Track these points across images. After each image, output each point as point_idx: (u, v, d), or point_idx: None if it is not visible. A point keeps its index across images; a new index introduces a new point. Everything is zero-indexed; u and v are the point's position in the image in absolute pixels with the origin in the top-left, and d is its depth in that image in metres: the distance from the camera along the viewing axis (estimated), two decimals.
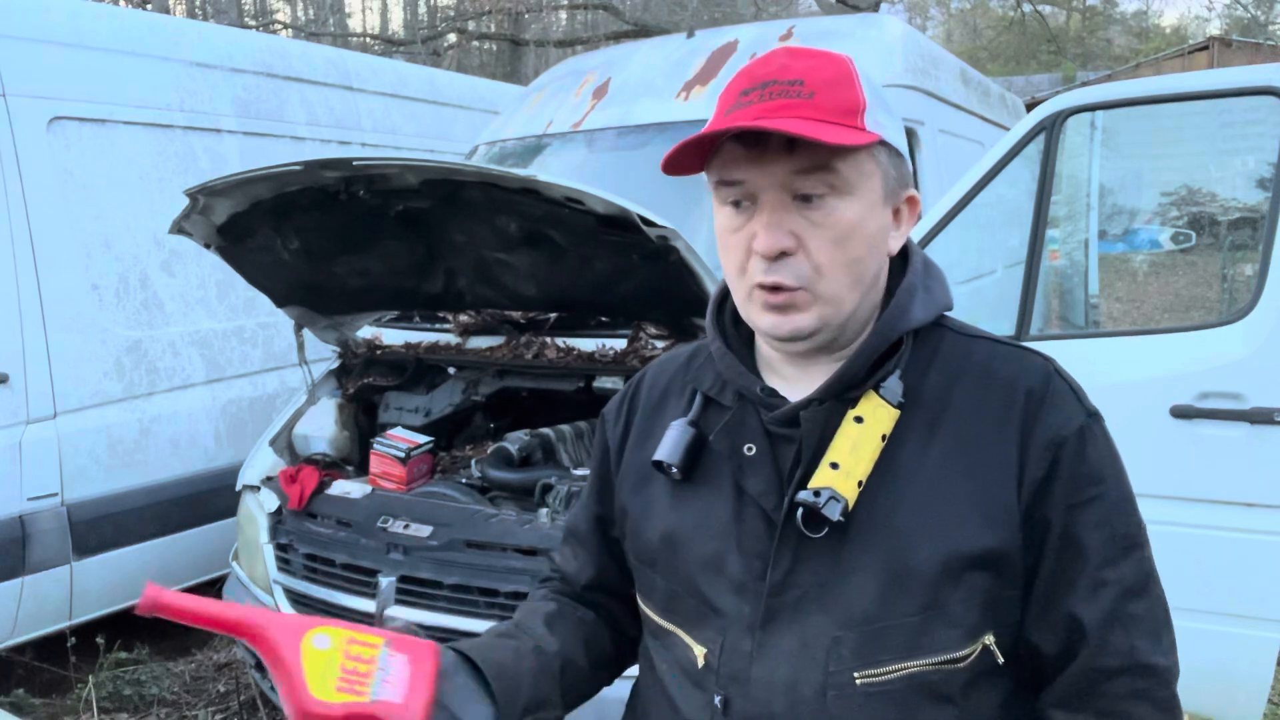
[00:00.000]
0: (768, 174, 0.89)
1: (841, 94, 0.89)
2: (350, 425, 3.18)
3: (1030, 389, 0.95)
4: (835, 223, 0.90)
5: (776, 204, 0.90)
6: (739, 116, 0.89)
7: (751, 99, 0.89)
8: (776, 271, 0.90)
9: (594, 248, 2.50)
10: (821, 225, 0.90)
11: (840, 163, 0.88)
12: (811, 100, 0.88)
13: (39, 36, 3.49)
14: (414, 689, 0.89)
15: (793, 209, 0.90)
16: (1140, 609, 0.93)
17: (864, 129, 0.89)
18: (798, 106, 0.87)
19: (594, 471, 1.18)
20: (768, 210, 0.90)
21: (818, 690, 0.92)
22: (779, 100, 0.88)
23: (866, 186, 0.91)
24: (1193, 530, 2.48)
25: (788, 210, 0.90)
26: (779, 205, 0.90)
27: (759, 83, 0.90)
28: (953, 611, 0.91)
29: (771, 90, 0.89)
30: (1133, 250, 9.66)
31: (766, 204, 0.90)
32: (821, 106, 0.87)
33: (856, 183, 0.90)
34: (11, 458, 3.29)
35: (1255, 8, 24.05)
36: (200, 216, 2.70)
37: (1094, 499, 0.92)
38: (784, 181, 0.89)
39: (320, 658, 0.87)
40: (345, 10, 24.68)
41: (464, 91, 5.67)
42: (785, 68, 0.90)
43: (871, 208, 0.92)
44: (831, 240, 0.90)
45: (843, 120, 0.88)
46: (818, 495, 0.90)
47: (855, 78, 0.91)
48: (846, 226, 0.90)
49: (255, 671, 3.00)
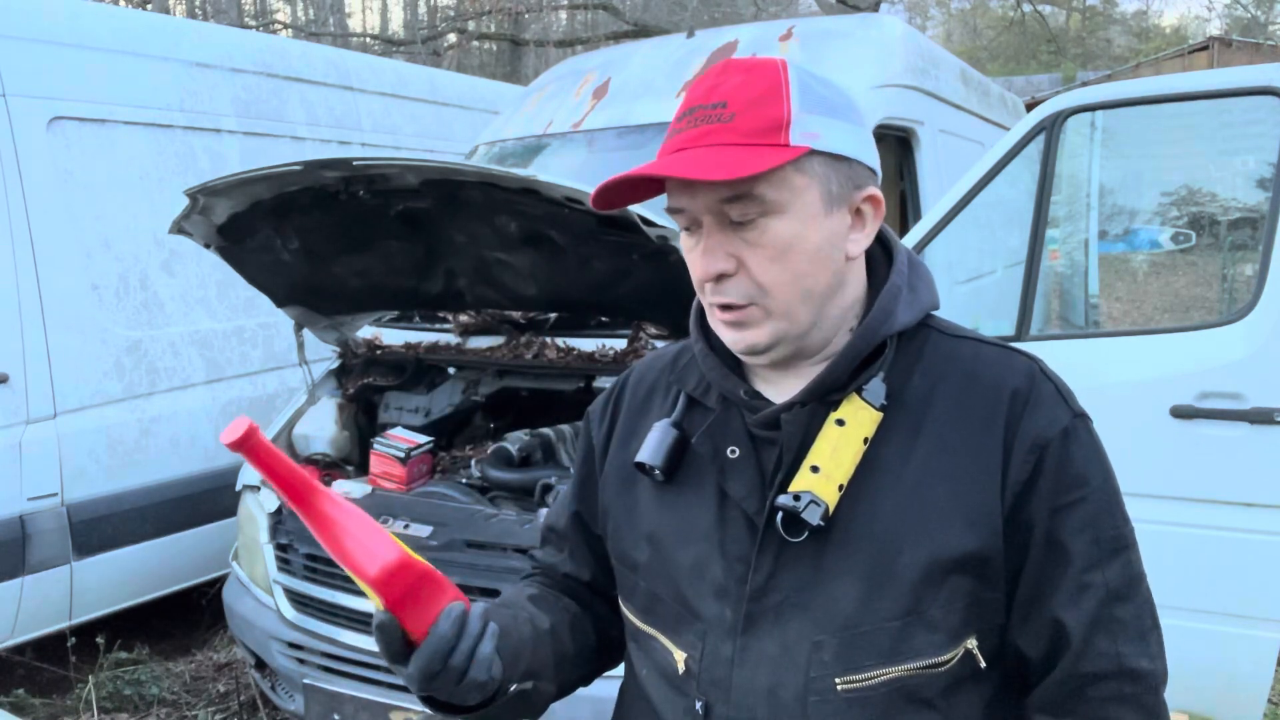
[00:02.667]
0: (700, 202, 0.90)
1: (762, 112, 0.88)
2: (350, 425, 3.18)
3: (1015, 390, 0.94)
4: (771, 241, 0.90)
5: (713, 228, 0.91)
6: (667, 147, 0.91)
7: (683, 125, 0.91)
8: (722, 292, 0.92)
9: (594, 248, 2.50)
10: (758, 245, 0.90)
11: (761, 186, 0.88)
12: (731, 124, 0.88)
13: (39, 36, 3.49)
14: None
15: (730, 231, 0.91)
16: (1126, 612, 0.92)
17: (786, 145, 0.87)
18: (717, 132, 0.88)
19: (577, 470, 1.18)
20: (706, 235, 0.92)
21: (799, 696, 0.92)
22: (701, 127, 0.89)
23: (800, 201, 0.90)
24: (1193, 530, 2.48)
25: (725, 233, 0.91)
26: (715, 229, 0.91)
27: (690, 107, 0.91)
28: (934, 616, 0.90)
29: (696, 116, 0.90)
30: (1133, 250, 9.64)
31: (705, 229, 0.92)
32: (739, 129, 0.87)
33: (786, 200, 0.89)
34: (11, 458, 3.29)
35: (1255, 8, 24.06)
36: (200, 216, 2.70)
37: (1079, 501, 0.91)
38: (714, 208, 0.90)
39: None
40: (345, 10, 24.67)
41: (464, 91, 5.67)
42: (713, 89, 0.90)
43: (809, 221, 0.90)
44: (769, 259, 0.90)
45: (762, 140, 0.87)
46: (797, 499, 0.89)
47: (783, 89, 0.89)
48: (783, 244, 0.90)
49: (255, 671, 2.99)
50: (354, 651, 2.58)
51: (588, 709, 2.20)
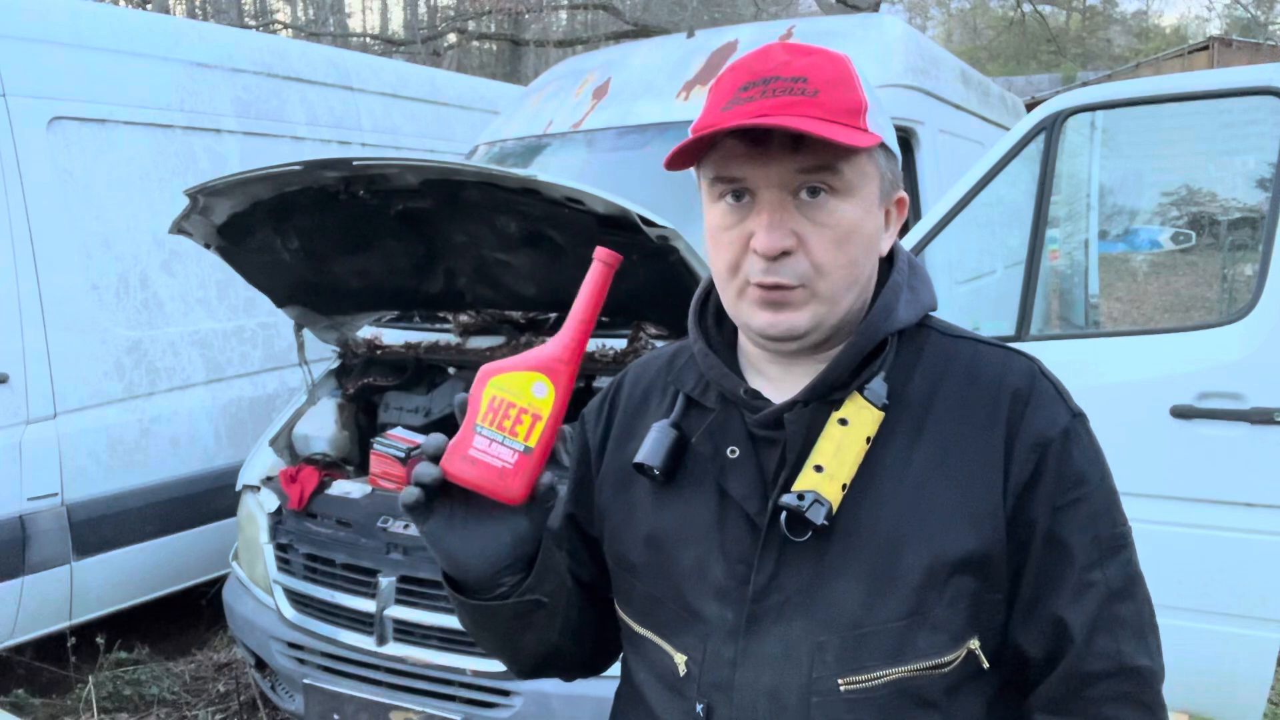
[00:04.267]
0: (769, 172, 0.87)
1: (845, 94, 0.88)
2: (350, 425, 3.18)
3: (1015, 390, 0.94)
4: (837, 223, 0.89)
5: (776, 203, 0.88)
6: (740, 113, 0.86)
7: (753, 94, 0.87)
8: (776, 271, 0.88)
9: (594, 248, 2.49)
10: (824, 225, 0.88)
11: (844, 163, 0.87)
12: (816, 99, 0.86)
13: (39, 36, 3.49)
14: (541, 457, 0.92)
15: (792, 208, 0.88)
16: (1126, 611, 0.92)
17: (867, 130, 0.88)
18: (802, 104, 0.85)
19: (572, 472, 1.16)
20: (768, 209, 0.88)
21: (801, 697, 0.91)
22: (783, 97, 0.85)
23: (866, 188, 0.90)
24: (1193, 530, 2.48)
25: (787, 209, 0.88)
26: (779, 204, 0.88)
27: (760, 78, 0.87)
28: (938, 616, 0.90)
29: (775, 86, 0.86)
30: (1133, 250, 9.65)
31: (766, 202, 0.88)
32: (826, 105, 0.86)
33: (857, 184, 0.89)
34: (11, 458, 3.29)
35: (1255, 8, 24.03)
36: (200, 216, 2.69)
37: (1079, 500, 0.91)
38: (785, 180, 0.87)
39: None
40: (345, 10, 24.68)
41: (464, 91, 5.67)
42: (787, 64, 0.88)
43: (869, 209, 0.91)
44: (833, 240, 0.89)
45: (847, 121, 0.86)
46: (801, 499, 0.89)
47: (856, 78, 0.90)
48: (848, 227, 0.89)
49: (255, 671, 2.99)
50: (354, 651, 2.58)
51: (588, 708, 2.21)
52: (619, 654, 1.15)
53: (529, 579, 0.97)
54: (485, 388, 0.91)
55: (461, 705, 2.45)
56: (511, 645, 1.06)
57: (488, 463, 0.89)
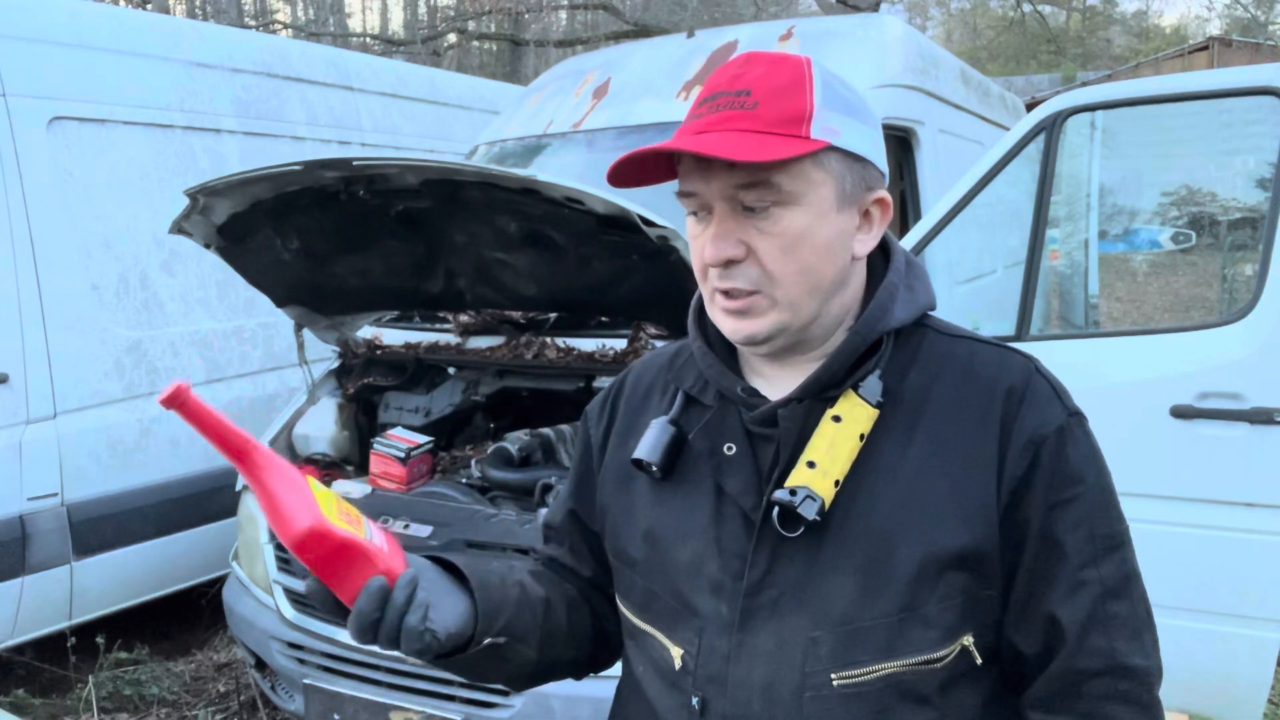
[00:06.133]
0: (714, 186, 0.91)
1: (786, 103, 0.89)
2: (350, 425, 3.18)
3: (1011, 388, 0.95)
4: (782, 231, 0.90)
5: (725, 214, 0.91)
6: (686, 130, 0.91)
7: (703, 110, 0.91)
8: (729, 278, 0.92)
9: (594, 248, 2.50)
10: (769, 234, 0.90)
11: (779, 175, 0.89)
12: (754, 111, 0.89)
13: (39, 36, 3.49)
14: (394, 553, 0.93)
15: (742, 217, 0.91)
16: (1121, 609, 0.92)
17: (807, 138, 0.88)
18: (738, 118, 0.89)
19: (574, 468, 1.18)
20: (717, 220, 0.92)
21: (795, 691, 0.92)
22: (723, 113, 0.90)
23: (814, 195, 0.91)
24: (1193, 530, 2.48)
25: (737, 219, 0.91)
26: (727, 215, 0.91)
27: (713, 92, 0.92)
28: (930, 612, 0.90)
29: (719, 102, 0.91)
30: (1133, 250, 9.64)
31: (717, 214, 0.92)
32: (763, 118, 0.88)
33: (802, 192, 0.90)
34: (11, 458, 3.29)
35: (1255, 8, 24.05)
36: (200, 216, 2.70)
37: (1074, 498, 0.92)
38: (728, 193, 0.90)
39: (324, 495, 0.91)
40: (345, 10, 24.68)
41: (464, 91, 5.67)
42: (737, 77, 0.92)
43: (821, 215, 0.91)
44: (779, 248, 0.91)
45: (783, 130, 0.88)
46: (794, 494, 0.90)
47: (807, 83, 0.91)
48: (794, 235, 0.90)
49: (255, 671, 2.99)
50: (354, 651, 2.58)
51: (588, 708, 2.21)
52: (619, 653, 1.16)
53: (480, 623, 0.98)
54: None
55: (461, 705, 2.45)
56: (493, 677, 1.10)
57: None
